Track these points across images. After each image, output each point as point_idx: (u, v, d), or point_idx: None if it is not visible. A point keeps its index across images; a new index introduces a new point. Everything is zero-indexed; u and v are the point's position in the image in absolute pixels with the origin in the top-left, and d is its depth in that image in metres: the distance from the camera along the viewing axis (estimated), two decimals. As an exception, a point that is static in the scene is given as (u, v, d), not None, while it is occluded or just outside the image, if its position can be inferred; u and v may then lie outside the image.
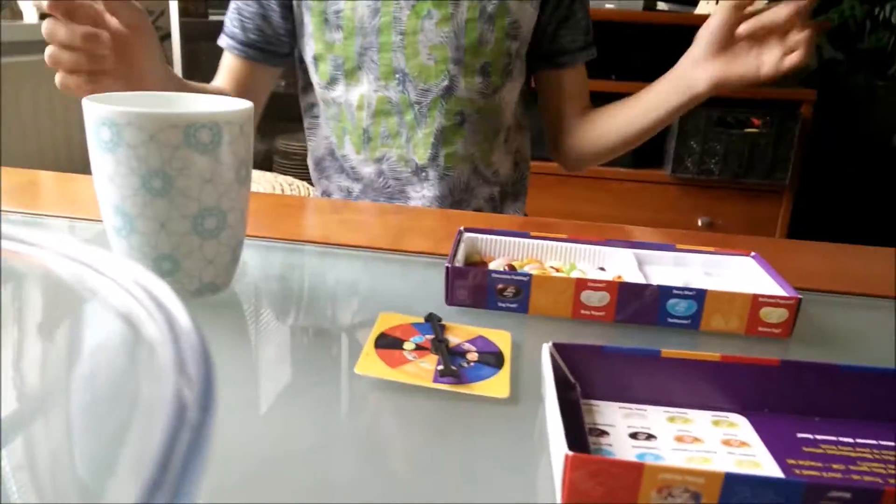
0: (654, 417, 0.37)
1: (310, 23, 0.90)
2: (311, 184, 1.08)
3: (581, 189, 2.33)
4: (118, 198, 0.43)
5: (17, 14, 1.96)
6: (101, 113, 0.42)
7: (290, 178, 1.50)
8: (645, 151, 2.32)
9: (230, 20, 0.94)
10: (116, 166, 0.42)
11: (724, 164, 2.17)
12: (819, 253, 0.70)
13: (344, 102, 0.92)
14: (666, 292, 0.48)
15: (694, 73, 0.81)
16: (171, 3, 2.10)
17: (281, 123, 2.19)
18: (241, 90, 0.93)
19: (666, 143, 2.28)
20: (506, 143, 0.98)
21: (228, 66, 0.94)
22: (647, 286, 0.48)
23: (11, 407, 0.19)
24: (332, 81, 0.91)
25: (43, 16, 1.98)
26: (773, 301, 0.48)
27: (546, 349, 0.38)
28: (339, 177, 0.97)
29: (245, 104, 0.47)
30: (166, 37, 2.23)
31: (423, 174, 0.92)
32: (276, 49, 0.93)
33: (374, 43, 0.88)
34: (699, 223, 2.30)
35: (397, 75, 0.89)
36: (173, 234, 0.44)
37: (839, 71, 2.59)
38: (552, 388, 0.35)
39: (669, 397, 0.39)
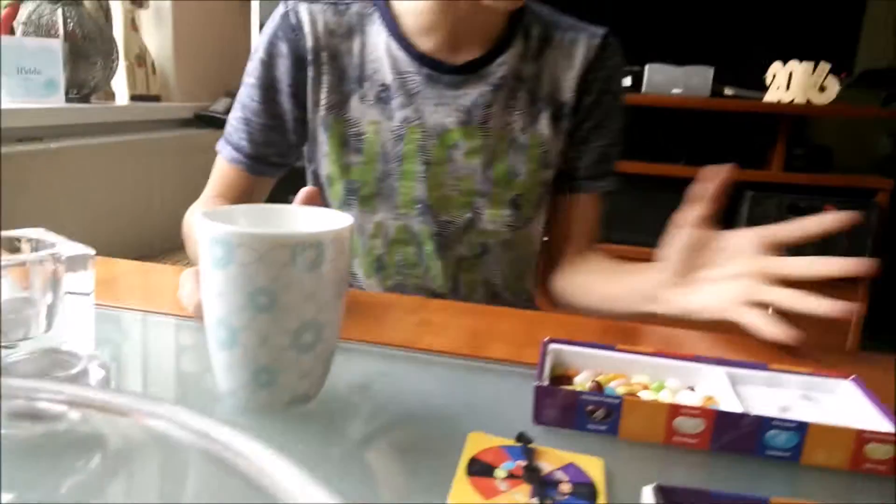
0: (765, 573, 0.35)
1: (325, 142, 0.85)
2: None
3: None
4: (225, 312, 0.45)
5: (110, 95, 2.10)
6: (215, 232, 0.43)
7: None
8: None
9: (236, 130, 0.88)
10: (226, 283, 0.44)
11: (795, 252, 2.12)
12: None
13: (356, 228, 0.87)
14: (766, 423, 0.47)
15: (656, 293, 0.72)
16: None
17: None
18: (240, 199, 0.87)
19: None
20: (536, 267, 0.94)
21: (229, 177, 0.88)
22: (744, 416, 0.47)
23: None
24: (343, 205, 0.86)
25: (134, 97, 2.09)
26: (879, 437, 0.45)
27: (648, 492, 0.37)
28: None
29: (346, 221, 0.48)
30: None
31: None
32: (285, 161, 0.89)
33: (396, 170, 0.84)
34: (769, 310, 2.23)
35: (418, 205, 0.85)
36: (273, 349, 0.45)
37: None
38: (659, 540, 0.34)
39: (781, 550, 0.37)
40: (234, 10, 2.53)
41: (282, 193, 0.89)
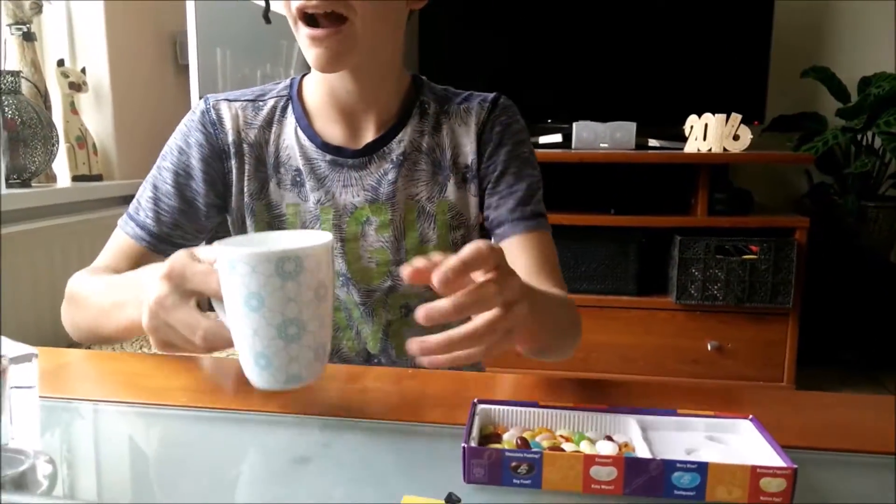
0: None
1: (252, 227, 0.91)
2: None
3: (589, 319, 2.37)
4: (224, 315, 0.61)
5: (51, 178, 2.10)
6: (231, 255, 0.57)
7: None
8: (649, 280, 2.39)
9: (143, 209, 0.90)
10: (227, 291, 0.58)
11: (726, 290, 2.23)
12: (821, 406, 0.73)
13: None
14: (670, 466, 0.52)
15: None
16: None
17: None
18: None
19: (669, 271, 2.35)
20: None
21: (127, 252, 0.90)
22: (651, 461, 0.52)
23: None
24: None
25: (76, 178, 2.09)
26: (770, 472, 0.51)
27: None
28: None
29: (324, 239, 0.60)
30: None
31: (377, 361, 0.94)
32: (188, 244, 0.89)
33: None
34: (708, 347, 2.33)
35: (341, 278, 0.91)
36: (263, 338, 0.58)
37: (830, 193, 2.69)
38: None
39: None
40: (172, 86, 2.58)
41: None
